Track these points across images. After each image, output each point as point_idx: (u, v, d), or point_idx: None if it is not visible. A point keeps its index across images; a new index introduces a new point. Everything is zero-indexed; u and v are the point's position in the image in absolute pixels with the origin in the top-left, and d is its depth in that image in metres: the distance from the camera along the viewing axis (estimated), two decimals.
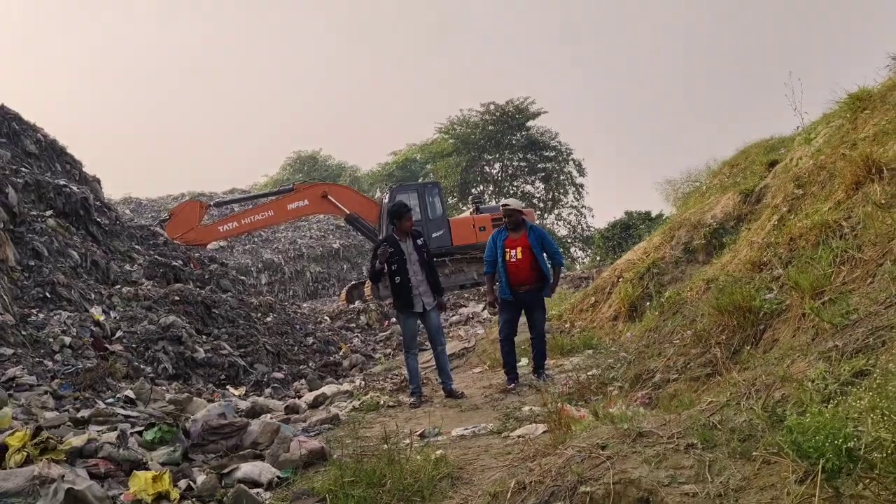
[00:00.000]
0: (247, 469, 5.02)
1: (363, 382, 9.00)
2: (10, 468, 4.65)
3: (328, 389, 8.66)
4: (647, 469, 2.79)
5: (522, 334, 7.60)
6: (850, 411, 2.11)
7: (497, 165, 44.13)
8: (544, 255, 7.07)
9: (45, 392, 6.58)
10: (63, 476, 4.44)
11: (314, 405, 8.11)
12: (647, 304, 7.99)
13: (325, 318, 16.60)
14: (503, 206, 7.27)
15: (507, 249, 7.02)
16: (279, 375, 9.92)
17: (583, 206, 43.74)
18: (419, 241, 7.12)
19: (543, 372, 7.05)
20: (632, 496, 2.69)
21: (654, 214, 28.60)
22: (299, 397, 8.80)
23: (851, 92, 6.54)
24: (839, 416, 2.09)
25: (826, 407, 2.24)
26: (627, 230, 28.93)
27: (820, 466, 1.96)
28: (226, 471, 5.06)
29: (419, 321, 7.26)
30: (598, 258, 30.65)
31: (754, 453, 2.50)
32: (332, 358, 11.38)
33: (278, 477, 4.95)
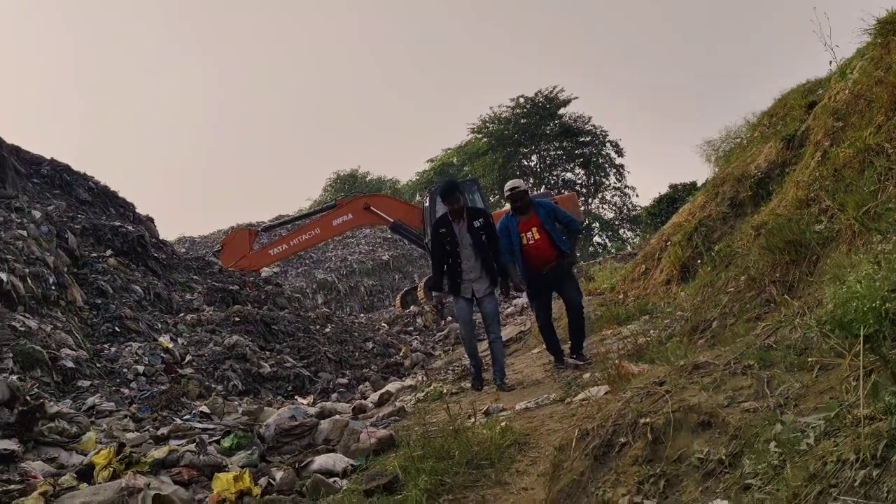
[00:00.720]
0: (321, 461, 5.17)
1: (425, 376, 9.10)
2: (100, 483, 4.89)
3: (392, 387, 8.80)
4: (705, 395, 2.81)
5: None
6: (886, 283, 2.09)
7: (534, 157, 43.97)
8: (557, 227, 6.84)
9: (125, 416, 6.87)
10: (149, 484, 4.65)
11: (380, 403, 8.26)
12: (699, 262, 7.89)
13: (383, 325, 16.80)
14: (510, 190, 6.89)
15: (523, 233, 6.71)
16: (343, 381, 10.11)
17: (626, 187, 43.28)
18: (476, 223, 6.64)
19: (582, 353, 6.84)
20: (692, 421, 2.71)
21: (699, 184, 28.09)
22: (365, 398, 8.96)
23: (880, 17, 6.37)
24: (878, 284, 2.08)
25: (862, 283, 2.23)
26: (673, 203, 28.45)
27: (861, 334, 1.95)
28: (302, 465, 5.22)
29: (475, 307, 6.94)
30: (647, 236, 30.24)
31: (809, 360, 2.49)
32: (393, 359, 11.53)
33: (351, 465, 5.09)
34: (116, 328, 9.66)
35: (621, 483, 2.65)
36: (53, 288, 9.05)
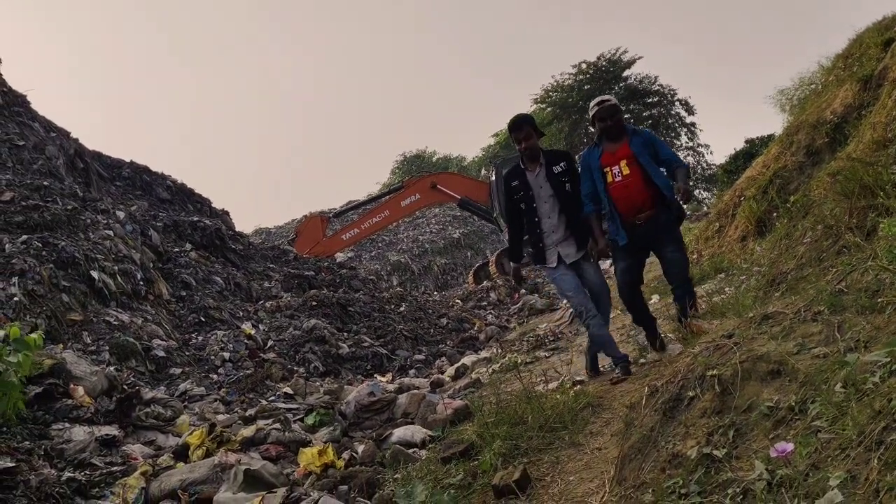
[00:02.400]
0: (400, 433, 5.32)
1: (500, 348, 9.17)
2: (194, 462, 5.18)
3: (468, 360, 8.91)
4: (774, 344, 2.75)
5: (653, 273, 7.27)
6: None
7: None
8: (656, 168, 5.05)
9: (215, 400, 7.22)
10: (240, 460, 4.89)
11: (456, 376, 8.38)
12: (775, 215, 7.62)
13: (457, 301, 16.95)
14: (597, 104, 5.13)
15: (607, 168, 5.00)
16: (420, 357, 10.29)
17: (699, 146, 41.95)
18: (557, 168, 5.19)
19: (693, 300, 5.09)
20: (762, 370, 2.66)
21: (777, 136, 26.93)
22: (442, 373, 9.11)
23: None
24: None
25: None
26: (750, 159, 27.38)
27: None
28: (382, 437, 5.39)
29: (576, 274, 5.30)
30: (723, 195, 29.26)
31: (880, 301, 2.40)
32: (467, 334, 11.64)
33: (429, 435, 5.21)
34: (202, 318, 10.12)
35: (690, 435, 2.64)
36: (141, 283, 9.53)
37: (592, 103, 5.19)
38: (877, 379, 1.86)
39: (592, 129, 5.19)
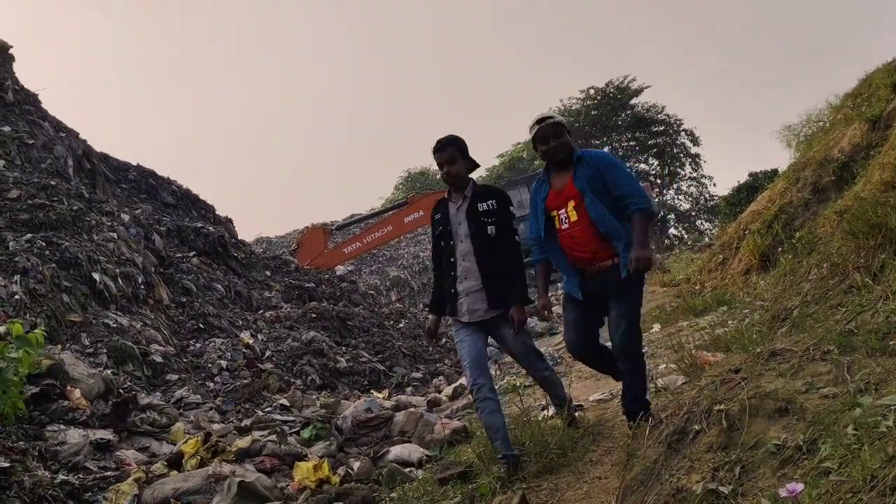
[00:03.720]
0: (397, 451, 5.29)
1: (499, 370, 9.13)
2: (188, 471, 5.14)
3: (465, 381, 8.86)
4: (782, 382, 2.74)
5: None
6: None
7: (606, 149, 43.25)
8: (607, 202, 3.93)
9: (210, 408, 7.18)
10: (234, 472, 4.86)
11: (454, 396, 8.33)
12: (779, 250, 7.63)
13: None
14: (537, 124, 4.07)
15: (553, 210, 4.06)
16: (418, 375, 10.25)
17: (702, 176, 42.10)
18: (483, 206, 4.21)
19: (648, 412, 3.74)
20: (769, 408, 2.65)
21: (781, 171, 27.04)
22: (439, 392, 9.06)
23: None
24: None
25: None
26: (753, 192, 27.48)
27: None
28: (378, 455, 5.35)
29: (490, 339, 4.39)
30: (725, 226, 29.33)
31: (892, 344, 2.40)
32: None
33: (426, 455, 5.18)
34: (201, 325, 10.09)
35: (695, 470, 2.62)
36: (142, 287, 9.52)
37: (531, 122, 4.08)
38: (890, 422, 1.85)
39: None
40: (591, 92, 41.87)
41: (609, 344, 4.08)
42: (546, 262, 4.20)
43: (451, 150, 4.26)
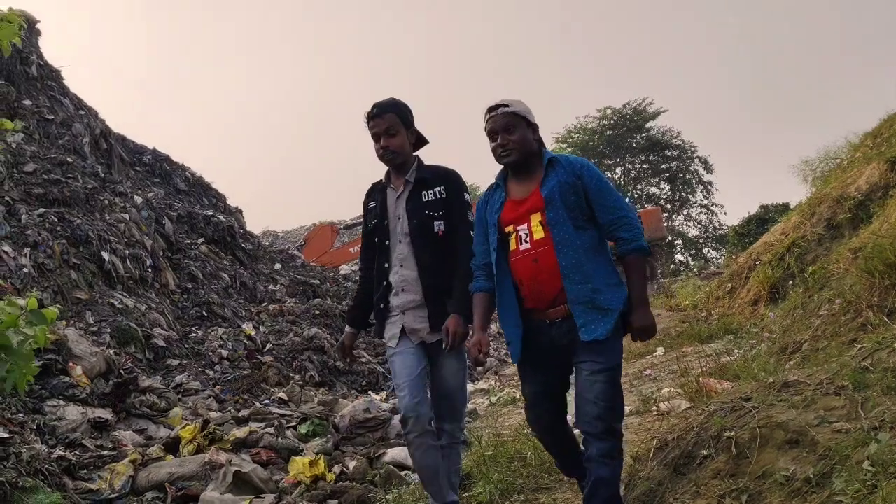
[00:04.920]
0: (394, 453, 5.27)
1: (498, 381, 9.12)
2: (184, 457, 5.13)
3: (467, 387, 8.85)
4: (794, 413, 2.72)
5: None
6: None
7: (618, 170, 43.28)
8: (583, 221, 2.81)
9: (209, 396, 7.17)
10: (230, 461, 4.85)
11: None
12: (790, 283, 7.60)
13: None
14: (489, 112, 2.91)
15: (509, 228, 2.89)
16: None
17: (713, 204, 42.02)
18: (430, 194, 3.26)
19: None
20: (779, 438, 2.63)
21: (793, 205, 27.00)
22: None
23: None
24: None
25: None
26: (764, 224, 27.47)
27: None
28: (375, 456, 5.33)
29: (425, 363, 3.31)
30: (732, 256, 29.30)
31: None
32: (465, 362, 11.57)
33: None
34: (204, 312, 10.09)
35: (701, 495, 2.61)
36: (149, 270, 9.53)
37: (487, 109, 2.91)
38: None
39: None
40: (608, 112, 41.90)
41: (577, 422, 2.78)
42: (491, 294, 2.93)
43: (391, 118, 3.19)
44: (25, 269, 7.26)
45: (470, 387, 9.13)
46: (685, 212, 42.89)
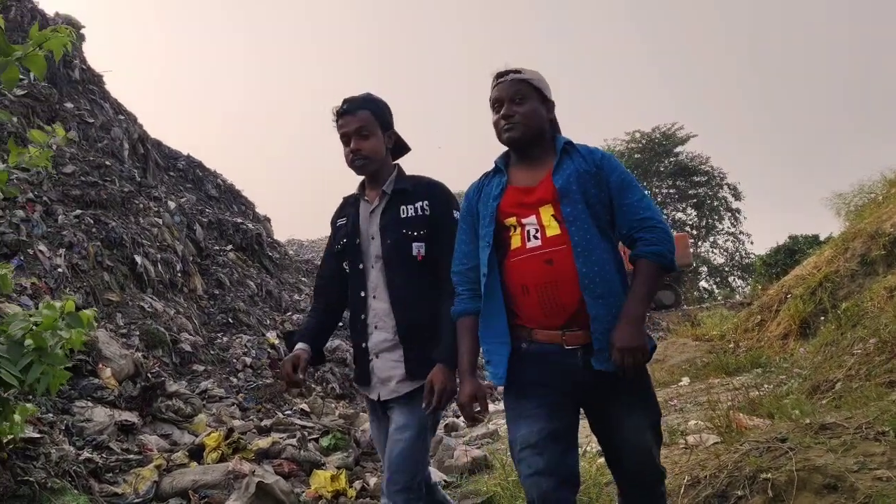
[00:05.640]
0: None
1: None
2: (208, 464, 5.16)
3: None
4: (832, 457, 2.68)
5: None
6: None
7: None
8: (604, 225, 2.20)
9: (233, 403, 7.22)
10: (253, 471, 4.87)
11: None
12: (822, 319, 7.49)
13: None
14: (497, 79, 2.32)
15: (511, 220, 2.24)
16: None
17: (740, 232, 41.56)
18: (409, 209, 2.64)
19: None
20: (817, 482, 2.59)
21: (822, 237, 26.61)
22: (458, 417, 9.01)
23: None
24: None
25: None
26: (792, 255, 27.11)
27: None
28: None
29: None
30: (758, 285, 28.92)
31: None
32: (487, 382, 11.53)
33: (445, 481, 5.13)
34: (230, 319, 10.18)
35: None
36: (179, 275, 9.65)
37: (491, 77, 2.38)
38: None
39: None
40: (637, 135, 41.76)
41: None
42: (475, 315, 2.28)
43: (365, 116, 2.61)
44: (60, 270, 7.38)
45: (491, 406, 9.03)
46: (711, 239, 42.47)
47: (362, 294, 2.62)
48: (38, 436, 4.15)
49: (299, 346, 2.72)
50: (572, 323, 2.10)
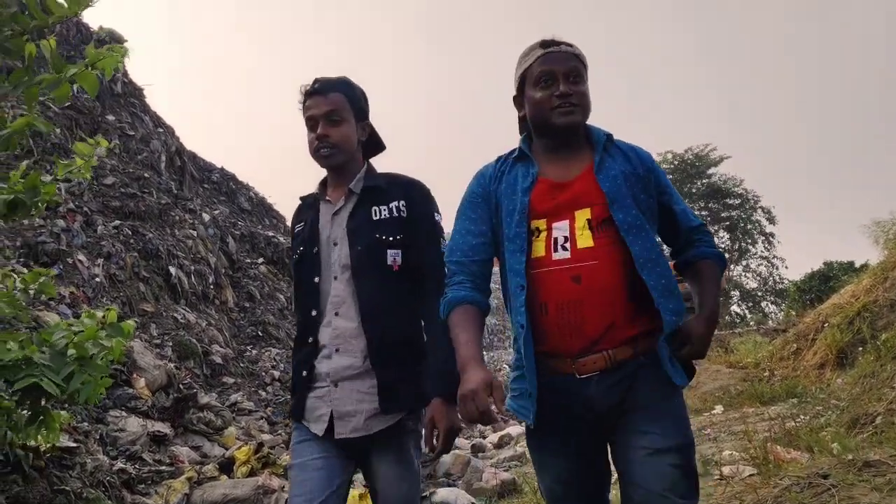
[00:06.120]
0: (444, 493, 5.22)
1: None
2: (238, 478, 5.19)
3: (513, 430, 8.75)
4: (877, 496, 2.60)
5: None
6: None
7: None
8: (649, 230, 1.86)
9: (262, 417, 7.26)
10: (283, 487, 4.88)
11: (499, 445, 8.23)
12: (860, 349, 7.32)
13: (505, 366, 16.77)
14: (544, 46, 1.90)
15: (539, 223, 1.85)
16: None
17: (774, 257, 40.88)
18: (382, 210, 2.19)
19: None
20: None
21: (857, 264, 26.09)
22: (484, 438, 8.95)
23: None
24: None
25: None
26: (827, 282, 26.62)
27: None
28: (424, 494, 5.29)
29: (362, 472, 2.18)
30: (792, 312, 28.41)
31: None
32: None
33: (472, 503, 5.10)
34: (259, 332, 10.27)
35: None
36: (211, 287, 9.76)
37: (526, 50, 1.98)
38: None
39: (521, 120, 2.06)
40: (669, 156, 41.43)
41: None
42: (478, 306, 1.89)
43: (337, 100, 2.20)
44: (98, 279, 7.52)
45: (518, 428, 8.97)
46: (744, 262, 41.85)
47: (313, 313, 2.15)
48: (74, 445, 4.20)
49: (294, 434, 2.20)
50: (593, 347, 1.75)
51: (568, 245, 1.80)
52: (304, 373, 2.12)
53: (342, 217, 2.21)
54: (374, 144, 2.40)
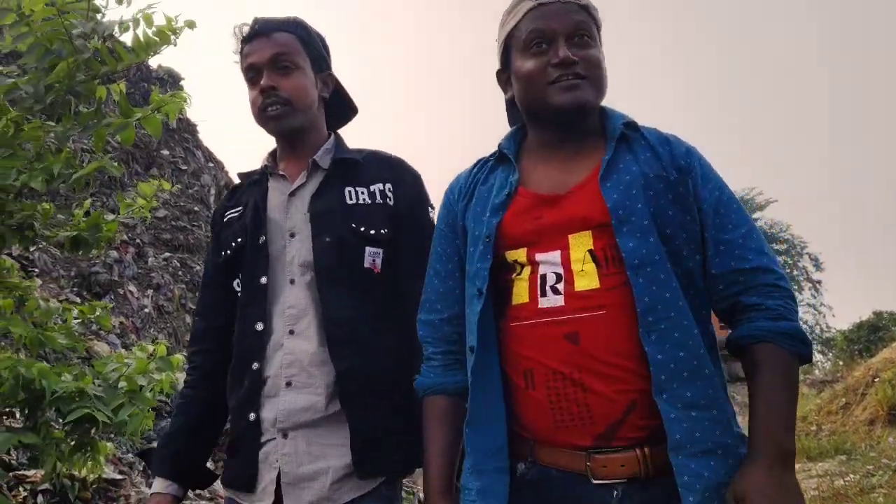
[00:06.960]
0: None
1: None
2: None
3: None
4: None
5: None
6: None
7: None
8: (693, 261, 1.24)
9: None
10: None
11: None
12: None
13: None
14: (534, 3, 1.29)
15: (515, 254, 1.30)
16: None
17: (821, 305, 39.86)
18: (362, 192, 1.61)
19: None
20: None
21: None
22: None
23: None
24: None
25: None
26: (876, 332, 25.83)
27: None
28: None
29: None
30: (840, 362, 27.58)
31: None
32: None
33: None
34: None
35: None
36: None
37: (514, 3, 1.37)
38: None
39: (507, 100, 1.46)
40: None
41: None
42: (450, 396, 1.40)
43: (287, 41, 1.65)
44: (147, 310, 7.71)
45: None
46: None
47: (259, 328, 1.56)
48: (120, 477, 4.29)
49: (159, 485, 1.67)
50: (611, 434, 1.18)
51: (562, 286, 1.23)
52: (252, 416, 1.54)
53: (302, 198, 1.63)
54: (342, 108, 1.79)
